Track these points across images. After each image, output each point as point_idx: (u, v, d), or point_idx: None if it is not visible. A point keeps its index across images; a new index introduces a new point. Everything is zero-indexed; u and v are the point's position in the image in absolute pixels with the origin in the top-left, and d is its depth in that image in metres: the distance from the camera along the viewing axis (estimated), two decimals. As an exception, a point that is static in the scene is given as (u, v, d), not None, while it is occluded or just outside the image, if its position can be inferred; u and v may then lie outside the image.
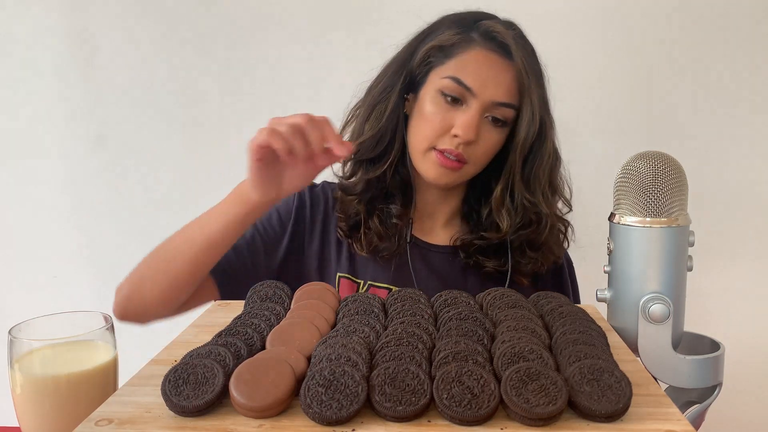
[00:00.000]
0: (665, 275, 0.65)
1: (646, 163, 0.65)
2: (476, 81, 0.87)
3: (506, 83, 0.88)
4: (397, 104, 0.94)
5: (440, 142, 0.89)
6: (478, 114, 0.87)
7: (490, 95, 0.87)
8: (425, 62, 0.91)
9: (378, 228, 0.94)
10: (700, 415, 0.67)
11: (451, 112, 0.88)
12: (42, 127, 1.48)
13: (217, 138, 1.46)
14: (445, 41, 0.90)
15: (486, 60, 0.88)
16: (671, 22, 1.35)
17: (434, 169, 0.90)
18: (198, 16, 1.42)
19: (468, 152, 0.89)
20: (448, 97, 0.88)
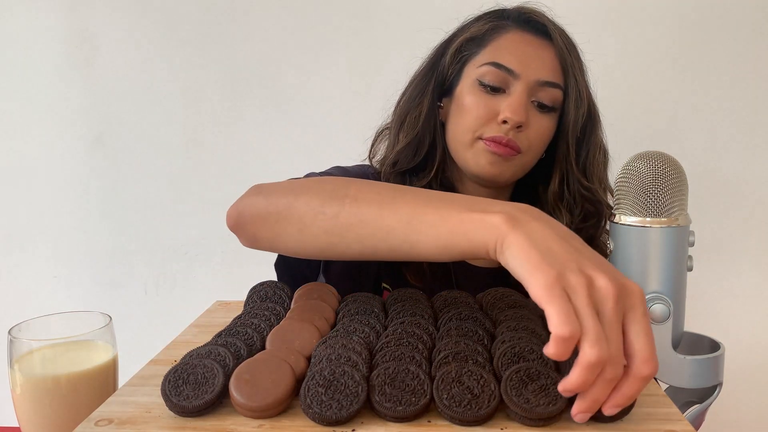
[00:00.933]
0: (665, 275, 0.65)
1: (646, 163, 0.65)
2: (517, 61, 0.81)
3: (549, 61, 0.82)
4: (431, 108, 0.88)
5: (486, 131, 0.82)
6: (525, 94, 0.81)
7: (534, 74, 0.81)
8: (457, 59, 0.86)
9: None
10: (700, 415, 0.67)
11: (493, 101, 0.82)
12: (42, 126, 1.48)
13: (217, 138, 1.46)
14: (477, 31, 0.85)
15: (523, 40, 0.83)
16: (671, 22, 1.35)
17: (485, 157, 0.82)
18: (198, 16, 1.42)
19: (520, 139, 0.81)
20: (488, 86, 0.82)
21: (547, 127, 0.84)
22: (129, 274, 1.50)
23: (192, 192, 1.48)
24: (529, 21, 0.85)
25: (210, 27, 1.43)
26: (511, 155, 0.82)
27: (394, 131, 0.91)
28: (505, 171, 0.84)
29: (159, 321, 1.12)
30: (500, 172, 0.83)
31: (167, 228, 1.49)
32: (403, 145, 0.88)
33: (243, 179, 1.51)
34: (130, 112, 1.46)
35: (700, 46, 1.35)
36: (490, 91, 0.83)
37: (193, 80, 1.44)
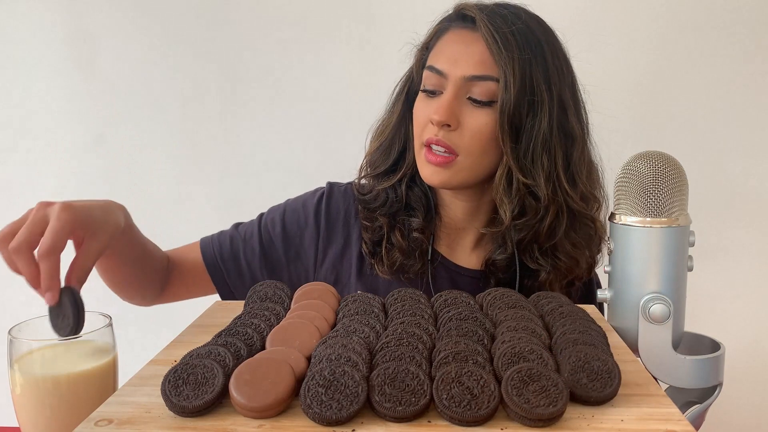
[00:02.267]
0: (665, 275, 0.65)
1: (646, 163, 0.65)
2: (446, 61, 0.81)
3: (477, 54, 0.80)
4: (402, 113, 0.89)
5: (424, 134, 0.83)
6: (452, 94, 0.80)
7: (461, 71, 0.80)
8: (419, 66, 0.88)
9: (400, 242, 0.87)
10: (700, 415, 0.67)
11: (432, 104, 0.82)
12: (41, 126, 1.48)
13: (216, 138, 1.46)
14: (428, 37, 0.87)
15: (454, 38, 0.83)
16: (672, 22, 1.35)
17: (425, 168, 0.83)
18: (198, 16, 1.42)
19: (453, 140, 0.80)
20: (427, 91, 0.83)
21: (484, 123, 0.80)
22: (129, 274, 1.50)
23: (192, 192, 1.48)
24: (463, 17, 0.83)
25: (210, 27, 1.43)
26: (446, 162, 0.81)
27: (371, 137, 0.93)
28: (450, 179, 0.82)
29: (159, 321, 1.12)
30: (443, 180, 0.82)
31: (167, 228, 1.49)
32: (374, 148, 0.91)
33: (243, 179, 1.52)
34: (130, 112, 1.46)
35: (700, 45, 1.35)
36: (430, 95, 0.83)
37: (193, 80, 1.44)
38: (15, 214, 1.15)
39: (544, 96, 0.80)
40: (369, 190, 0.92)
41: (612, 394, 0.49)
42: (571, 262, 0.85)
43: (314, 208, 0.94)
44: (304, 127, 1.44)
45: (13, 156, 1.49)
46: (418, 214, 0.89)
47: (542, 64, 0.81)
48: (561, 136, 0.82)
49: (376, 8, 1.38)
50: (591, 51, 1.37)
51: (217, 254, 0.95)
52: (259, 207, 1.14)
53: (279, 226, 0.94)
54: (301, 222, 0.94)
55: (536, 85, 0.80)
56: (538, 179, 0.80)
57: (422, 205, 0.90)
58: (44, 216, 0.65)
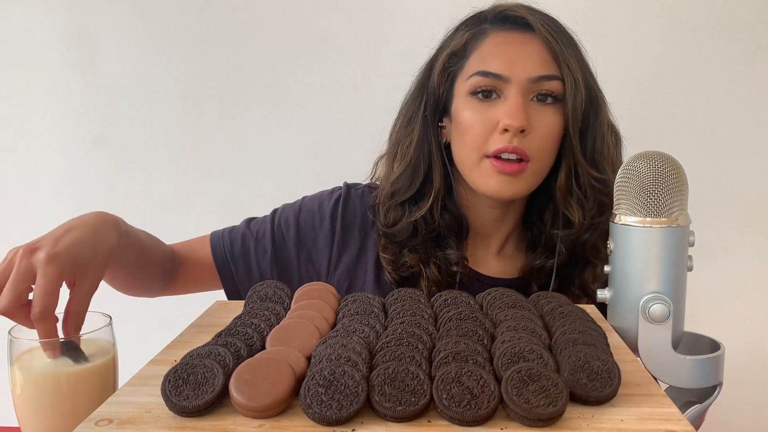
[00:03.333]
0: (665, 275, 0.65)
1: (646, 163, 0.65)
2: (504, 64, 0.77)
3: (537, 55, 0.78)
4: (424, 131, 0.85)
5: (490, 145, 0.78)
6: (521, 96, 0.77)
7: (524, 72, 0.77)
8: (445, 76, 0.83)
9: (437, 277, 0.83)
10: (700, 415, 0.67)
11: (490, 110, 0.78)
12: (41, 126, 1.48)
13: (216, 138, 1.46)
14: (459, 43, 0.82)
15: (505, 40, 0.80)
16: (671, 22, 1.35)
17: (493, 180, 0.78)
18: (197, 15, 1.42)
19: (526, 144, 0.77)
20: (480, 93, 0.79)
21: (553, 122, 0.79)
22: (129, 274, 1.50)
23: (192, 192, 1.48)
24: (506, 18, 0.81)
25: (210, 27, 1.43)
26: (521, 170, 0.78)
27: (389, 160, 0.88)
28: (519, 189, 0.80)
29: (159, 321, 1.12)
30: (514, 192, 0.80)
31: (167, 228, 1.49)
32: (397, 175, 0.85)
33: (243, 179, 1.52)
34: (130, 112, 1.46)
35: (700, 45, 1.35)
36: (484, 98, 0.79)
37: (193, 80, 1.44)
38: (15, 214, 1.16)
39: (599, 92, 0.81)
40: (394, 220, 0.85)
41: (612, 394, 0.49)
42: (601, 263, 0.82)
43: (330, 210, 0.90)
44: (305, 127, 1.44)
45: (13, 156, 1.49)
46: (452, 243, 0.85)
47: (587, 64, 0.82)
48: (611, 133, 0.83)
49: (377, 8, 1.38)
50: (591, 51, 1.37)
51: (228, 252, 0.91)
52: (259, 207, 1.14)
53: (293, 227, 0.90)
54: (317, 224, 0.90)
55: (593, 82, 0.81)
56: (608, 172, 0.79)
57: (454, 231, 0.85)
58: (28, 268, 0.60)
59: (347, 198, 0.91)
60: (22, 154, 1.49)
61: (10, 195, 1.50)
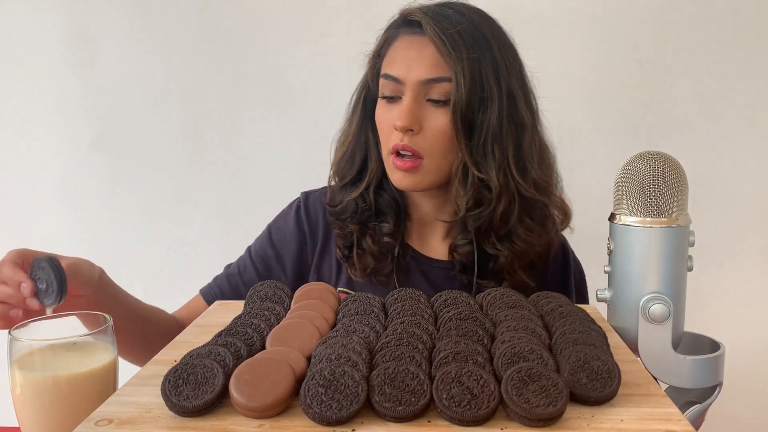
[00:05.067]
0: (665, 275, 0.65)
1: (646, 163, 0.65)
2: (400, 68, 0.83)
3: (429, 59, 0.82)
4: (361, 123, 0.92)
5: (390, 141, 0.85)
6: (411, 99, 0.82)
7: (416, 75, 0.82)
8: (374, 73, 0.89)
9: (372, 248, 0.91)
10: (700, 415, 0.67)
11: (393, 110, 0.84)
12: (42, 126, 1.48)
13: (217, 138, 1.46)
14: (378, 45, 0.89)
15: (404, 44, 0.85)
16: (672, 22, 1.35)
17: (395, 174, 0.86)
18: (198, 16, 1.42)
19: (418, 143, 0.83)
20: (386, 97, 0.86)
21: (444, 123, 0.83)
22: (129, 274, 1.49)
23: (192, 192, 1.48)
24: (410, 22, 0.85)
25: (210, 27, 1.43)
26: (414, 166, 0.84)
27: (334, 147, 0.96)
28: (419, 182, 0.85)
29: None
30: (413, 183, 0.85)
31: (167, 228, 1.49)
32: (337, 159, 0.94)
33: (243, 179, 1.52)
34: (130, 112, 1.46)
35: (700, 45, 1.35)
36: (389, 101, 0.85)
37: (193, 80, 1.44)
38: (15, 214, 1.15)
39: (493, 90, 0.82)
40: (339, 201, 0.93)
41: (612, 394, 0.49)
42: (526, 246, 0.87)
43: (294, 219, 0.98)
44: (305, 127, 1.44)
45: (13, 156, 1.49)
46: (388, 219, 0.92)
47: (490, 59, 0.83)
48: (511, 127, 0.84)
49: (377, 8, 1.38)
50: (591, 50, 1.37)
51: (219, 296, 0.98)
52: (259, 207, 1.14)
53: (270, 249, 0.98)
54: (288, 235, 0.98)
55: (486, 81, 0.82)
56: (491, 172, 0.83)
57: (392, 208, 0.92)
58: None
59: (306, 203, 0.99)
60: (22, 154, 1.49)
61: (10, 195, 1.50)
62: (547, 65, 1.42)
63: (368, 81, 0.91)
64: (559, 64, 1.36)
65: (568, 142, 1.38)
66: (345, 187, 0.93)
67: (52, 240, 1.50)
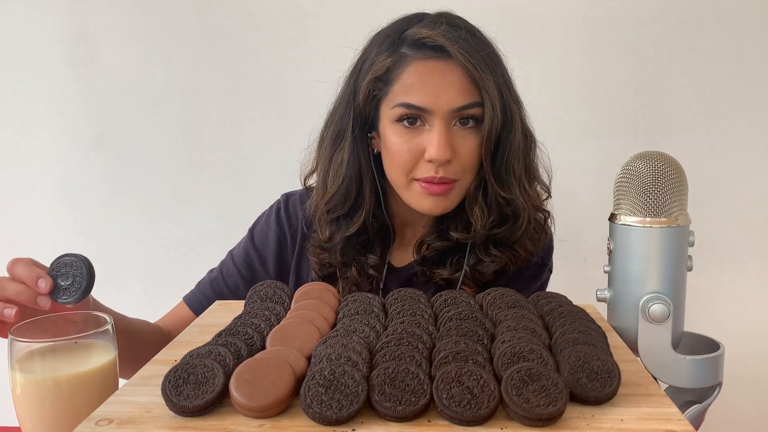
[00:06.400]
0: (665, 275, 0.65)
1: (646, 163, 0.65)
2: (426, 97, 0.79)
3: (458, 84, 0.79)
4: (354, 148, 0.86)
5: (418, 171, 0.81)
6: (445, 128, 0.79)
7: (447, 104, 0.79)
8: (370, 98, 0.84)
9: (356, 278, 0.89)
10: (700, 415, 0.67)
11: (416, 137, 0.81)
12: (42, 126, 1.48)
13: (217, 138, 1.46)
14: (380, 70, 0.82)
15: (426, 71, 0.80)
16: (672, 22, 1.35)
17: (425, 200, 0.82)
18: (198, 16, 1.42)
19: (451, 171, 0.81)
20: (406, 121, 0.81)
21: (474, 144, 0.82)
22: (129, 274, 1.50)
23: (192, 192, 1.48)
24: (425, 45, 0.80)
25: (210, 27, 1.43)
26: (449, 190, 0.82)
27: (322, 176, 0.89)
28: (450, 205, 0.84)
29: (159, 321, 1.12)
30: (445, 208, 0.84)
31: (167, 228, 1.49)
32: (332, 193, 0.87)
33: (243, 179, 1.52)
34: (130, 112, 1.46)
35: (699, 46, 1.35)
36: (410, 125, 0.81)
37: (193, 80, 1.44)
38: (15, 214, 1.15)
39: (514, 109, 0.82)
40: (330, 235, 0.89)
41: (612, 393, 0.49)
42: (527, 254, 0.88)
43: (275, 219, 0.98)
44: (305, 127, 1.44)
45: (13, 156, 1.49)
46: (376, 250, 0.90)
47: (505, 76, 0.83)
48: (525, 142, 0.84)
49: (377, 8, 1.38)
50: (591, 50, 1.37)
51: (205, 301, 0.97)
52: (259, 207, 1.14)
53: (252, 251, 0.97)
54: (270, 236, 0.97)
55: (507, 101, 0.82)
56: (513, 189, 0.83)
57: (380, 238, 0.90)
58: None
59: (286, 205, 0.98)
60: (22, 154, 1.49)
61: (10, 195, 1.50)
62: (547, 65, 1.43)
63: (359, 105, 0.85)
64: (559, 64, 1.36)
65: (569, 142, 1.38)
66: (337, 220, 0.88)
67: (52, 240, 1.50)
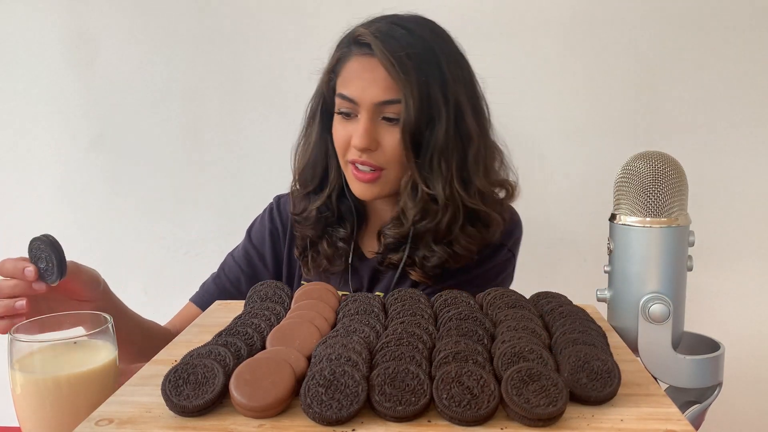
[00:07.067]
0: (665, 275, 0.65)
1: (646, 163, 0.65)
2: (356, 90, 0.86)
3: (382, 81, 0.85)
4: (320, 134, 0.94)
5: (349, 154, 0.89)
6: (368, 120, 0.86)
7: (371, 98, 0.85)
8: (330, 87, 0.92)
9: (326, 251, 0.96)
10: (700, 415, 0.67)
11: (349, 126, 0.88)
12: (42, 126, 1.48)
13: (216, 138, 1.46)
14: (332, 62, 0.92)
15: (359, 66, 0.87)
16: (672, 22, 1.35)
17: (355, 184, 0.90)
18: (198, 16, 1.42)
19: (377, 158, 0.87)
20: (342, 113, 0.89)
21: (397, 138, 0.86)
22: (129, 274, 1.50)
23: (192, 192, 1.48)
24: (361, 43, 0.87)
25: (210, 27, 1.43)
26: (374, 178, 0.88)
27: (297, 153, 0.99)
28: (380, 191, 0.90)
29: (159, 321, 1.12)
30: (374, 194, 0.90)
31: (167, 228, 1.49)
32: (301, 169, 0.97)
33: (243, 179, 1.52)
34: (130, 112, 1.46)
35: (699, 45, 1.35)
36: (346, 117, 0.89)
37: (193, 80, 1.44)
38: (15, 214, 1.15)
39: (441, 108, 0.86)
40: (303, 209, 0.97)
41: (612, 393, 0.49)
42: (465, 251, 0.90)
43: (269, 220, 1.05)
44: (304, 127, 1.44)
45: (13, 156, 1.49)
46: (346, 225, 0.97)
47: (439, 76, 0.86)
48: (458, 141, 0.87)
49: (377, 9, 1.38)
50: (591, 50, 1.37)
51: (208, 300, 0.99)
52: (259, 207, 1.14)
53: (251, 249, 1.04)
54: (265, 234, 1.04)
55: (433, 100, 0.85)
56: (437, 187, 0.87)
57: (351, 215, 0.97)
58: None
59: (278, 205, 1.06)
60: (22, 154, 1.49)
61: (10, 195, 1.50)
62: (547, 65, 1.43)
63: (324, 95, 0.94)
64: (559, 64, 1.36)
65: (569, 142, 1.38)
66: (308, 195, 0.97)
67: (52, 240, 1.50)
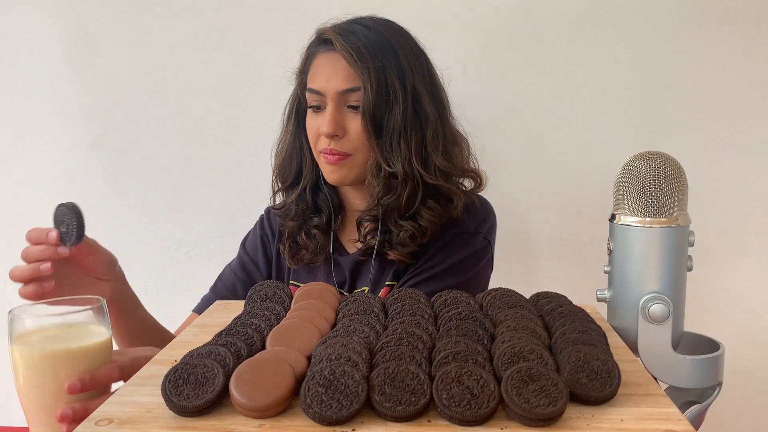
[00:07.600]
0: (665, 275, 0.65)
1: (646, 163, 0.65)
2: (321, 82, 0.94)
3: (343, 72, 0.92)
4: (295, 131, 1.02)
5: (320, 145, 0.96)
6: (333, 108, 0.93)
7: (334, 87, 0.92)
8: (302, 86, 0.99)
9: (305, 241, 1.02)
10: (700, 415, 0.67)
11: (319, 118, 0.95)
12: (42, 126, 1.48)
13: (217, 138, 1.46)
14: (302, 62, 1.00)
15: (322, 61, 0.95)
16: (672, 22, 1.35)
17: (326, 169, 0.96)
18: (198, 16, 1.42)
19: (344, 145, 0.94)
20: (312, 107, 0.96)
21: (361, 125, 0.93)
22: (129, 274, 1.49)
23: (192, 192, 1.48)
24: (324, 41, 0.96)
25: (210, 27, 1.43)
26: (342, 159, 0.95)
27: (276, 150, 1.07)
28: (346, 174, 0.96)
29: (159, 321, 1.12)
30: (342, 176, 0.96)
31: (167, 228, 1.49)
32: (278, 164, 1.05)
33: (243, 179, 1.52)
34: (130, 112, 1.46)
35: (699, 44, 1.35)
36: (316, 110, 0.96)
37: (193, 80, 1.44)
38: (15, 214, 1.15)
39: (398, 93, 0.92)
40: (282, 204, 1.05)
41: (612, 393, 0.49)
42: (430, 224, 0.96)
43: (260, 228, 1.12)
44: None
45: (13, 156, 1.49)
46: (322, 215, 1.03)
47: (395, 65, 0.93)
48: (416, 122, 0.94)
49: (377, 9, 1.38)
50: (591, 50, 1.37)
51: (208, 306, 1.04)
52: (259, 207, 1.14)
53: (245, 257, 1.10)
54: (257, 243, 1.10)
55: (390, 85, 0.92)
56: (397, 165, 0.93)
57: (327, 205, 1.03)
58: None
59: (267, 215, 1.12)
60: (22, 154, 1.49)
61: (10, 195, 1.50)
62: (546, 65, 1.43)
63: (298, 94, 1.01)
64: (559, 63, 1.36)
65: (569, 142, 1.38)
66: (287, 189, 1.05)
67: (52, 240, 1.50)
